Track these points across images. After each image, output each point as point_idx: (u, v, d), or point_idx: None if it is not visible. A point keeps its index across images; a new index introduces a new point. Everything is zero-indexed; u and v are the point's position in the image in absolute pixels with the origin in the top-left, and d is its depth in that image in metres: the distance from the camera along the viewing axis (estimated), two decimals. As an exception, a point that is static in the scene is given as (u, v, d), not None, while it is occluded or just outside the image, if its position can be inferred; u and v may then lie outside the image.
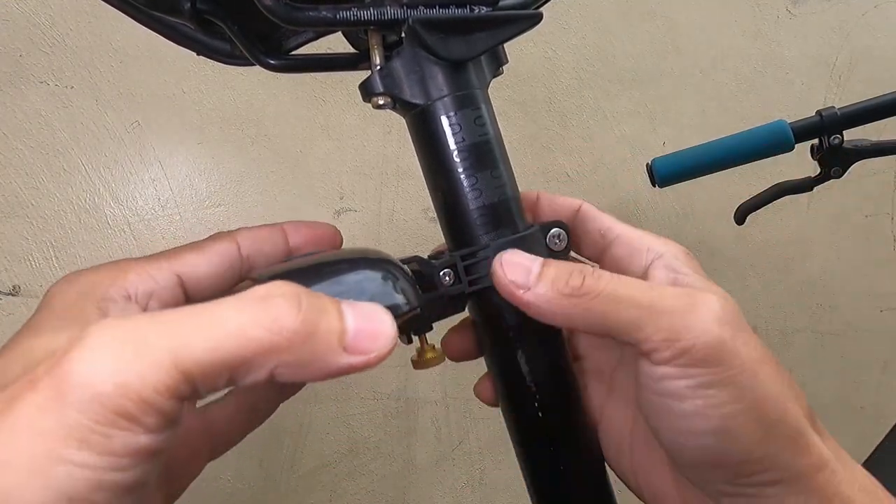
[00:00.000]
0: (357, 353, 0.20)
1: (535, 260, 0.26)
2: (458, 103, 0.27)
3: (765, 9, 0.93)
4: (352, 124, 0.77)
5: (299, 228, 0.29)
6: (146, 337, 0.17)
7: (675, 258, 0.28)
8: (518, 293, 0.25)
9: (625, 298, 0.24)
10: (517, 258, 0.26)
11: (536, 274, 0.25)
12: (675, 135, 0.90)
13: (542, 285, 0.25)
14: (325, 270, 0.25)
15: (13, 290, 0.66)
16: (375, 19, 0.26)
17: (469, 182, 0.28)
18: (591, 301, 0.24)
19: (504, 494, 0.87)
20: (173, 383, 0.17)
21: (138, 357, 0.17)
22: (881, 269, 1.03)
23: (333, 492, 0.79)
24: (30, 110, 0.66)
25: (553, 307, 0.25)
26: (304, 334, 0.19)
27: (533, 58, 0.84)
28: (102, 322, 0.18)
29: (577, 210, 0.31)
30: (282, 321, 0.18)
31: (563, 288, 0.24)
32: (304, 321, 0.19)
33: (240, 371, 0.18)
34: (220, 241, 0.27)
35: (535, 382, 0.29)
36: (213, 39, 0.30)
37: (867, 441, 0.67)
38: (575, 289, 0.24)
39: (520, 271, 0.25)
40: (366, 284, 0.25)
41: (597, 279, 0.25)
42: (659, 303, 0.24)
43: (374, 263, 0.26)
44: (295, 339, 0.19)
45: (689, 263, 0.28)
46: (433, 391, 0.82)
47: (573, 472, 0.30)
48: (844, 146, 0.58)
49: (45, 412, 0.16)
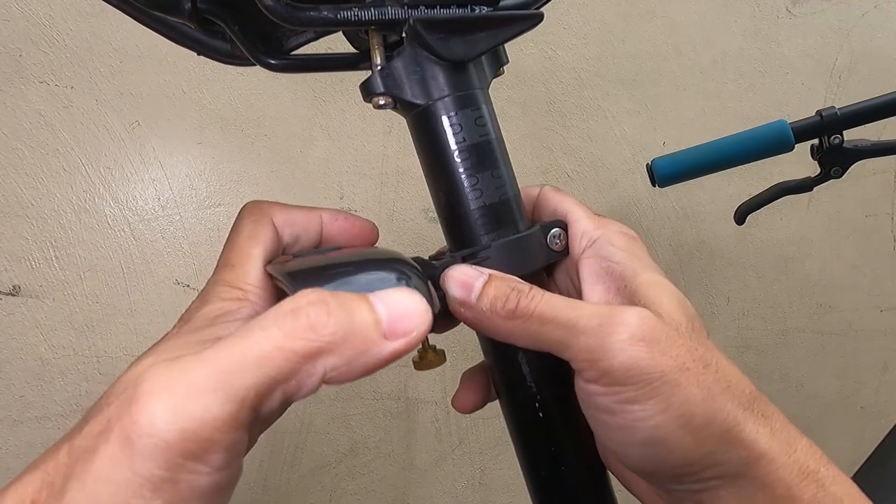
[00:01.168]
0: (397, 337, 0.21)
1: (478, 277, 0.26)
2: (459, 103, 0.27)
3: (765, 9, 0.93)
4: (352, 124, 0.77)
5: (337, 218, 0.29)
6: (194, 379, 0.18)
7: (609, 242, 0.28)
8: (460, 310, 0.26)
9: (550, 319, 0.25)
10: (459, 274, 0.26)
11: (477, 292, 0.26)
12: (675, 135, 0.90)
13: (481, 304, 0.26)
14: (337, 271, 0.25)
15: (13, 290, 0.66)
16: (376, 19, 0.26)
17: (470, 182, 0.28)
18: (525, 322, 0.25)
19: (504, 494, 0.87)
20: (230, 416, 0.18)
21: (191, 399, 0.18)
22: (881, 269, 1.03)
23: (333, 492, 0.79)
24: (30, 110, 0.66)
25: (492, 325, 0.26)
26: (342, 333, 0.20)
27: (533, 58, 0.84)
28: (152, 369, 0.19)
29: (539, 192, 0.32)
30: (317, 327, 0.19)
31: (500, 310, 0.25)
32: (336, 321, 0.20)
33: (291, 385, 0.19)
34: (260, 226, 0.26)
35: (535, 382, 0.29)
36: (214, 39, 0.30)
37: (867, 441, 0.67)
38: (510, 311, 0.25)
39: (461, 288, 0.26)
40: (378, 285, 0.25)
41: (529, 300, 0.25)
42: (578, 323, 0.24)
43: (387, 263, 0.26)
44: (334, 339, 0.19)
45: (625, 244, 0.28)
46: (433, 391, 0.82)
47: (573, 471, 0.30)
48: (845, 146, 0.58)
49: (118, 464, 0.18)
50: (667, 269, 0.94)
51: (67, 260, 0.67)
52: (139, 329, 0.70)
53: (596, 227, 0.28)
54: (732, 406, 0.24)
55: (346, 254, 0.27)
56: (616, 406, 0.24)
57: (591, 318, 0.24)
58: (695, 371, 0.24)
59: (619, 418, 0.24)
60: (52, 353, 0.68)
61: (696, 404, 0.24)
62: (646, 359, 0.23)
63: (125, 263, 0.69)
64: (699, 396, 0.24)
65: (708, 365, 0.24)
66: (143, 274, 0.70)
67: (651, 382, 0.23)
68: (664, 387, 0.23)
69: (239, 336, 0.19)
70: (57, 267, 0.67)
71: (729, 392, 0.24)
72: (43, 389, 0.68)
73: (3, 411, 0.67)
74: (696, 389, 0.24)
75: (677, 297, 0.26)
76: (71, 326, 0.68)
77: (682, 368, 0.24)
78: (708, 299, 0.96)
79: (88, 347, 0.69)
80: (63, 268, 0.67)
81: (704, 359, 0.25)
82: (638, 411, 0.24)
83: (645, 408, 0.24)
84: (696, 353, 0.24)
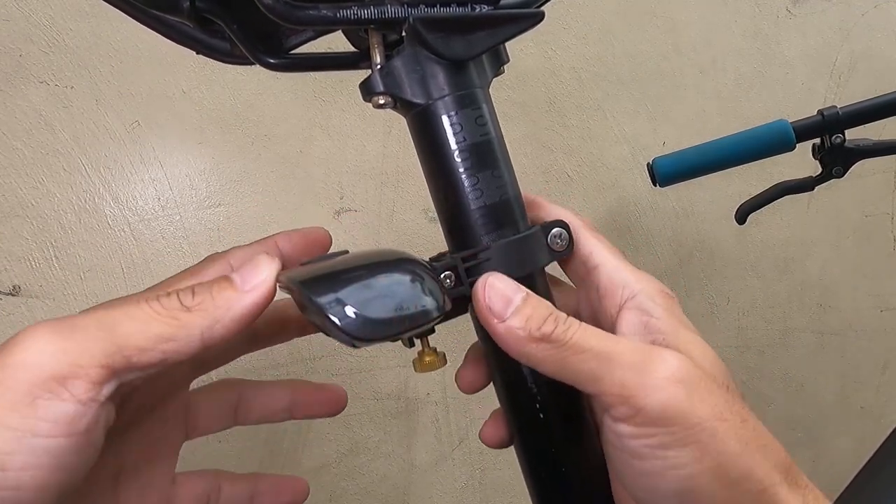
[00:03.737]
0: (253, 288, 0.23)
1: (517, 292, 0.25)
2: (459, 103, 0.27)
3: (765, 9, 0.93)
4: (352, 124, 0.76)
5: (291, 237, 0.30)
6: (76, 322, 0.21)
7: (650, 298, 0.27)
8: (492, 321, 0.25)
9: (587, 349, 0.24)
10: (501, 284, 0.26)
11: (515, 308, 0.25)
12: (675, 135, 0.90)
13: (516, 320, 0.25)
14: (350, 276, 0.24)
15: (13, 290, 0.65)
16: (376, 18, 0.26)
17: (470, 182, 0.28)
18: (557, 349, 0.24)
19: (504, 495, 0.87)
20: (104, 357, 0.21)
21: (70, 336, 0.21)
22: (881, 269, 1.03)
23: (333, 492, 0.79)
24: (30, 110, 0.66)
25: (521, 346, 0.25)
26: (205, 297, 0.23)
27: (533, 58, 0.84)
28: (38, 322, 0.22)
29: (574, 231, 0.30)
30: (185, 299, 0.23)
31: (535, 331, 0.24)
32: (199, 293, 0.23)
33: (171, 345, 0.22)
34: (214, 265, 0.28)
35: (536, 384, 0.29)
36: (213, 38, 0.30)
37: (867, 441, 0.67)
38: (545, 335, 0.24)
39: (500, 299, 0.25)
40: (395, 288, 0.24)
41: (566, 328, 0.24)
42: (617, 357, 0.24)
43: (398, 264, 0.25)
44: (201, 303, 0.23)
45: (665, 304, 0.27)
46: (433, 391, 0.82)
47: (574, 473, 0.30)
48: (846, 145, 0.58)
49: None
50: (667, 269, 0.95)
51: (67, 260, 0.67)
52: (139, 329, 0.70)
53: (637, 279, 0.28)
54: (769, 466, 0.23)
55: (356, 257, 0.26)
56: (647, 451, 0.23)
57: (631, 352, 0.24)
58: (732, 423, 0.23)
59: (648, 464, 0.23)
60: (51, 353, 0.68)
61: (733, 457, 0.23)
62: (684, 402, 0.23)
63: (125, 263, 0.69)
64: (736, 450, 0.23)
65: (745, 420, 0.24)
66: (143, 274, 0.70)
67: (688, 428, 0.22)
68: (701, 434, 0.22)
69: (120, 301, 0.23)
70: (57, 267, 0.67)
71: (766, 451, 0.24)
72: (42, 389, 0.68)
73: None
74: (734, 442, 0.23)
75: (715, 356, 0.26)
76: (71, 326, 0.68)
77: (720, 418, 0.23)
78: (708, 299, 0.96)
79: (88, 347, 0.69)
80: (63, 268, 0.67)
81: (741, 414, 0.24)
82: (672, 458, 0.23)
83: (679, 455, 0.22)
84: (733, 407, 0.24)
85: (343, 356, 0.78)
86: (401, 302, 0.24)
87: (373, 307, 0.24)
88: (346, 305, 0.23)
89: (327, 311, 0.23)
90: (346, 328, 0.23)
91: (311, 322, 0.26)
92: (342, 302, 0.23)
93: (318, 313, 0.23)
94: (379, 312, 0.24)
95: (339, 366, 0.78)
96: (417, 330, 0.26)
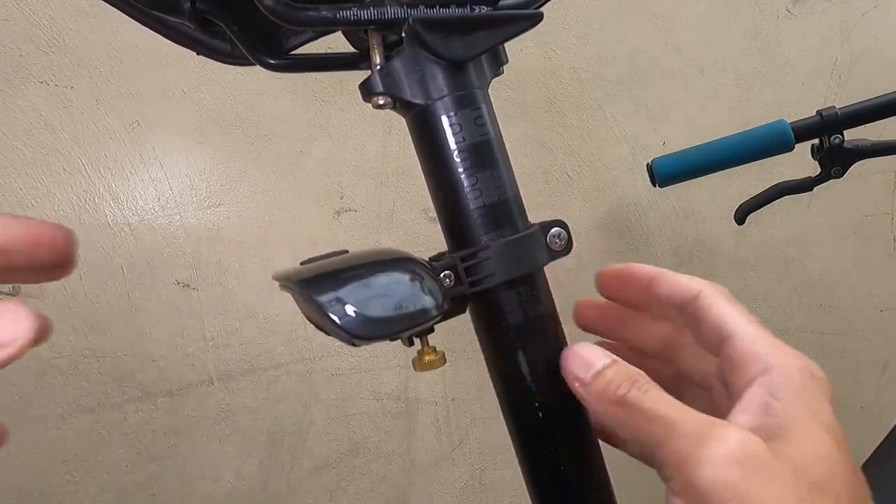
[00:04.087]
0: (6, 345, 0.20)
1: (600, 358, 0.27)
2: (459, 103, 0.27)
3: (765, 9, 0.93)
4: (352, 124, 0.76)
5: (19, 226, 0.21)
6: None
7: (784, 377, 0.24)
8: (575, 385, 0.27)
9: (655, 416, 0.24)
10: (585, 352, 0.27)
11: (595, 373, 0.26)
12: (675, 135, 0.90)
13: (595, 384, 0.26)
14: (350, 275, 0.25)
15: (13, 289, 0.66)
16: (375, 19, 0.26)
17: (469, 182, 0.28)
18: (631, 411, 0.25)
19: (504, 495, 0.87)
20: None
21: None
22: (881, 269, 1.03)
23: (333, 492, 0.79)
24: (30, 110, 0.66)
25: (600, 408, 0.26)
26: None
27: (533, 58, 0.84)
28: None
29: (696, 297, 0.29)
30: None
31: (611, 394, 0.25)
32: None
33: None
34: None
35: (535, 383, 0.29)
36: (213, 39, 0.30)
37: (867, 441, 0.67)
38: (619, 398, 0.25)
39: (581, 366, 0.27)
40: (395, 287, 0.25)
41: (642, 392, 0.25)
42: (681, 426, 0.23)
43: (398, 263, 0.26)
44: None
45: (802, 385, 0.24)
46: (433, 391, 0.82)
47: (573, 472, 0.30)
48: (845, 146, 0.58)
49: None
50: (666, 269, 0.94)
51: (67, 260, 0.67)
52: (139, 329, 0.70)
53: (775, 354, 0.25)
54: None
55: (355, 256, 0.26)
56: None
57: (694, 423, 0.23)
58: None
59: None
60: (52, 353, 0.68)
61: None
62: (738, 483, 0.21)
63: (125, 263, 0.69)
64: None
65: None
66: (143, 274, 0.70)
67: None
68: None
69: None
70: (57, 267, 0.67)
71: None
72: (43, 389, 0.68)
73: (3, 411, 0.67)
74: None
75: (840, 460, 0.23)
76: (71, 326, 0.68)
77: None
78: (708, 299, 0.96)
79: (88, 347, 0.69)
80: (63, 268, 0.67)
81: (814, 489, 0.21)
82: None
83: None
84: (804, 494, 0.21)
85: (343, 356, 0.78)
86: (400, 301, 0.24)
87: (372, 306, 0.24)
88: (346, 304, 0.23)
89: (327, 309, 0.23)
90: (346, 327, 0.23)
91: (312, 321, 0.26)
92: (342, 301, 0.23)
93: (319, 312, 0.23)
94: (378, 311, 0.24)
95: (339, 365, 0.78)
96: (417, 329, 0.26)
